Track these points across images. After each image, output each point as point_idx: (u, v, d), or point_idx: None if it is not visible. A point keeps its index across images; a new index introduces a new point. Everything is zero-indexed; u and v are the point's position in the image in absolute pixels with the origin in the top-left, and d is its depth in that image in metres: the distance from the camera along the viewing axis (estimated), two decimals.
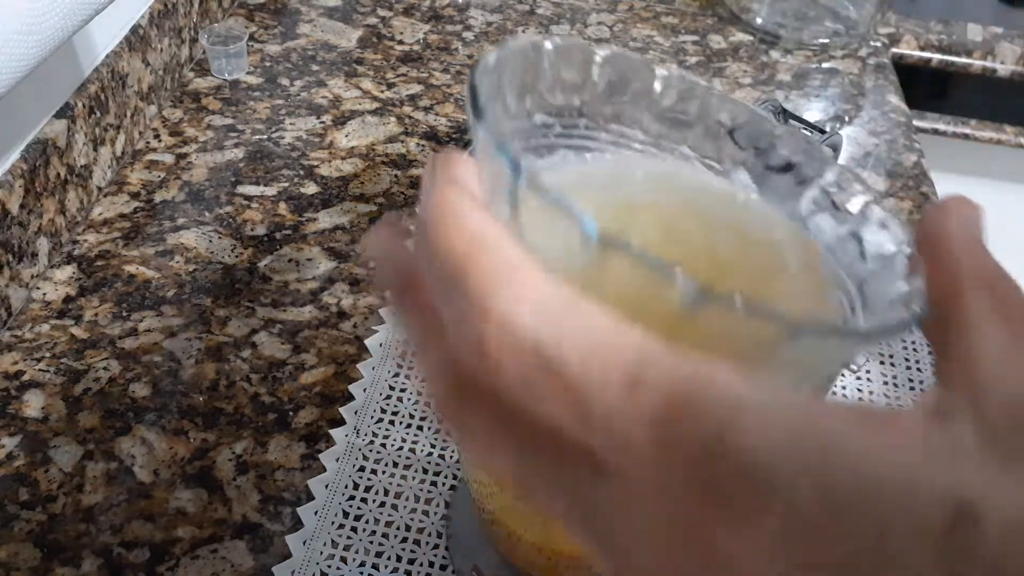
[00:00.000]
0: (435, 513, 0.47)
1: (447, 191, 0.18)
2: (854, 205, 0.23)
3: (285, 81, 0.78)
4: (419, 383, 0.52)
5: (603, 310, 0.16)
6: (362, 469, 0.48)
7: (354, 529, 0.46)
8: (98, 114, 0.63)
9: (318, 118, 0.74)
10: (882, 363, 0.56)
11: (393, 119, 0.74)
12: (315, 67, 0.80)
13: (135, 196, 0.65)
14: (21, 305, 0.56)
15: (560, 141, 0.25)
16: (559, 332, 0.16)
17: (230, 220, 0.63)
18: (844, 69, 0.87)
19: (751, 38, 0.90)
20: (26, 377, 0.52)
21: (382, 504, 0.47)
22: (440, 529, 0.46)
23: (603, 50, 0.24)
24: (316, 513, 0.46)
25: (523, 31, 0.88)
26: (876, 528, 0.14)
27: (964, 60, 1.00)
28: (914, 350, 0.57)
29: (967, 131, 1.03)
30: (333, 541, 0.45)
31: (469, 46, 0.85)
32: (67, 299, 0.57)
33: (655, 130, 0.25)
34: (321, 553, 0.44)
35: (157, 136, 0.71)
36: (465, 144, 0.35)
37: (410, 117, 0.75)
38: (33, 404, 0.50)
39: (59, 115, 0.59)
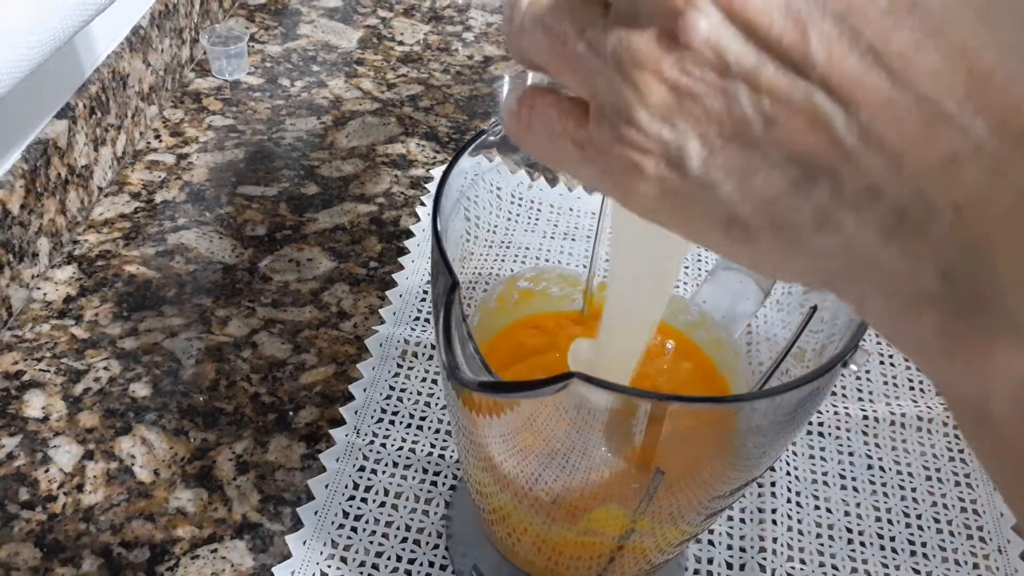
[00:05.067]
0: (435, 513, 0.47)
1: None
2: None
3: (286, 81, 0.78)
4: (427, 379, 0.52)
5: None
6: (362, 469, 0.48)
7: (354, 529, 0.46)
8: (99, 114, 0.63)
9: (318, 118, 0.74)
10: (882, 363, 0.56)
11: (393, 119, 0.74)
12: (315, 67, 0.80)
13: (136, 196, 0.65)
14: (22, 305, 0.56)
15: None
16: None
17: (230, 220, 0.64)
18: None
19: None
20: (26, 377, 0.52)
21: (382, 504, 0.47)
22: (440, 529, 0.46)
23: None
24: (316, 513, 0.46)
25: None
26: None
27: None
28: None
29: None
30: (333, 541, 0.45)
31: (469, 47, 0.85)
32: (67, 299, 0.57)
33: None
34: (321, 553, 0.44)
35: (158, 136, 0.71)
36: (465, 145, 0.35)
37: (410, 118, 0.75)
38: (33, 404, 0.50)
39: (60, 115, 0.59)
